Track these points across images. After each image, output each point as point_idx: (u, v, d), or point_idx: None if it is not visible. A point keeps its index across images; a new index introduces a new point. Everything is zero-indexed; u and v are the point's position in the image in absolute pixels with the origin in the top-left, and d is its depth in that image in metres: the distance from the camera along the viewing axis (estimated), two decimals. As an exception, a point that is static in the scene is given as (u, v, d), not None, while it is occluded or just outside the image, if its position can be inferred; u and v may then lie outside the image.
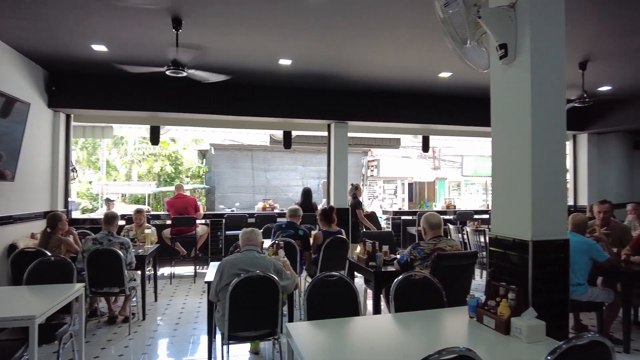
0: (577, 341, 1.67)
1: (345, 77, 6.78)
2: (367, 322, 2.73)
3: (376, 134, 11.01)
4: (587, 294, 4.02)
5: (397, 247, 5.46)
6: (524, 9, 2.48)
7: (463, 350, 1.58)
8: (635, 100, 8.08)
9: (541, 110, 2.46)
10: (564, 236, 2.53)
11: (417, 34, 4.90)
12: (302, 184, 15.05)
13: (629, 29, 4.79)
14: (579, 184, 9.50)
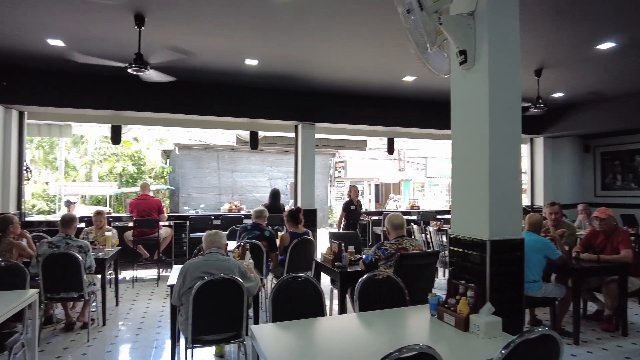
0: (529, 335, 1.76)
1: (312, 79, 6.82)
2: (332, 322, 2.75)
3: (343, 136, 11.12)
4: (542, 290, 4.21)
5: (363, 247, 5.53)
6: (482, 17, 2.59)
7: (423, 347, 1.63)
8: (585, 106, 8.56)
9: (498, 114, 2.57)
10: (520, 236, 2.65)
11: (381, 39, 4.99)
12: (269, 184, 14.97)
13: (578, 40, 5.07)
14: (535, 185, 9.95)
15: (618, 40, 5.06)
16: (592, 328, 4.68)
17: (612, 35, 4.92)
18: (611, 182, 10.79)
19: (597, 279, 4.70)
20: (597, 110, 8.44)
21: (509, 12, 2.67)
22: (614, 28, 4.71)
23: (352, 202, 7.77)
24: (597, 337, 4.41)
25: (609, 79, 6.80)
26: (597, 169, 11.11)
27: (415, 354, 1.61)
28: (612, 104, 8.18)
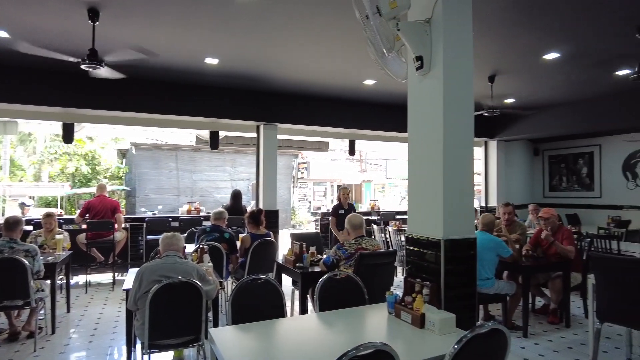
0: (479, 330, 1.85)
1: (274, 79, 6.80)
2: (292, 323, 2.77)
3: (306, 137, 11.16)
4: (494, 287, 4.41)
5: (324, 248, 5.58)
6: (437, 24, 2.69)
7: (379, 345, 1.68)
8: (534, 112, 9.04)
9: (452, 119, 2.68)
10: (472, 235, 2.77)
11: (343, 42, 5.06)
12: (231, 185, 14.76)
13: (527, 49, 5.36)
14: (489, 186, 10.39)
15: (562, 52, 5.38)
16: (539, 321, 4.94)
17: (556, 47, 5.23)
18: (557, 184, 11.47)
19: (544, 275, 4.98)
20: (545, 116, 8.94)
21: (463, 20, 2.79)
22: (558, 40, 5.01)
23: (341, 206, 7.01)
24: (544, 330, 4.67)
25: (554, 87, 7.22)
26: (545, 172, 11.77)
27: (372, 351, 1.65)
28: (558, 110, 8.69)
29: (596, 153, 10.63)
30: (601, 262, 3.64)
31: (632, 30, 4.62)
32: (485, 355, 1.95)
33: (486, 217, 4.63)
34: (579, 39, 4.97)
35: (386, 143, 11.77)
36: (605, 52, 5.41)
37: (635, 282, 3.35)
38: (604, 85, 7.05)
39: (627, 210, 9.79)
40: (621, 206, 9.97)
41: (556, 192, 11.46)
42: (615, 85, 6.94)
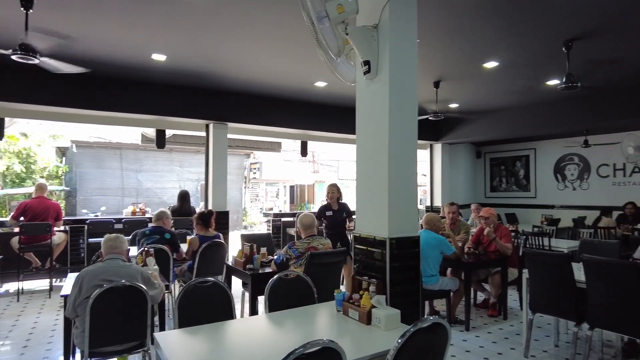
0: (422, 324, 1.94)
1: (225, 78, 6.69)
2: (241, 324, 2.75)
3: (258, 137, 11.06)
4: (439, 283, 4.62)
5: (276, 249, 5.56)
6: (384, 30, 2.78)
7: (326, 342, 1.71)
8: (476, 116, 9.54)
9: (397, 122, 2.79)
10: (416, 233, 2.89)
11: (295, 43, 5.08)
12: (179, 186, 14.34)
13: (469, 57, 5.65)
14: (434, 187, 10.83)
15: (500, 61, 5.73)
16: (480, 315, 5.23)
17: (496, 56, 5.56)
18: (498, 185, 12.17)
19: (484, 271, 5.28)
20: (486, 120, 9.45)
21: (408, 27, 2.90)
22: (497, 50, 5.33)
23: (329, 207, 6.04)
24: (484, 323, 4.95)
25: (494, 93, 7.66)
26: (486, 173, 12.45)
27: (319, 349, 1.68)
28: (497, 115, 9.22)
29: (532, 156, 11.39)
30: (532, 257, 3.92)
31: (560, 45, 5.02)
32: (427, 348, 2.04)
33: (430, 216, 4.83)
34: (514, 50, 5.31)
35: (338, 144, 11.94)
36: (538, 63, 5.82)
37: (559, 275, 3.64)
38: (538, 94, 7.57)
39: (558, 210, 10.59)
40: (553, 205, 10.77)
41: (496, 193, 12.16)
42: (547, 93, 7.47)
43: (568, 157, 10.65)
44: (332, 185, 6.24)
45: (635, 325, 3.17)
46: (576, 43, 4.95)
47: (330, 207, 6.04)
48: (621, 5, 4.06)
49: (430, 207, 10.64)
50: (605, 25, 4.54)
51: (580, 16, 4.31)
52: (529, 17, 4.32)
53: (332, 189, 6.15)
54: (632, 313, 3.16)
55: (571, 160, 10.59)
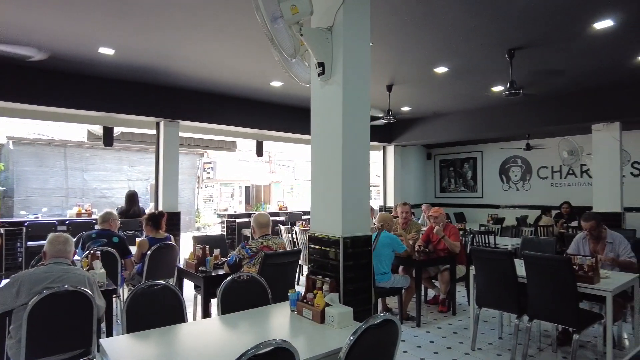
0: (373, 321, 1.99)
1: (177, 74, 6.50)
2: (192, 327, 2.69)
3: (212, 136, 10.84)
4: (391, 281, 4.74)
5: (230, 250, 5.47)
6: (338, 33, 2.82)
7: (279, 342, 1.71)
8: (427, 119, 9.88)
9: (350, 124, 2.84)
10: (368, 232, 2.96)
11: (250, 41, 5.03)
12: (128, 186, 13.76)
13: (420, 62, 5.85)
14: (387, 187, 11.09)
15: (450, 66, 5.98)
16: (431, 311, 5.41)
17: (445, 61, 5.79)
18: (447, 186, 12.67)
19: (434, 269, 5.47)
20: (436, 123, 9.81)
21: (362, 30, 2.96)
22: (447, 56, 5.55)
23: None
24: (434, 318, 5.12)
25: (444, 97, 7.97)
26: (436, 174, 12.94)
27: (272, 349, 1.68)
28: (446, 119, 9.60)
29: (479, 158, 11.95)
30: (478, 254, 4.12)
31: (503, 53, 5.31)
32: (379, 344, 2.09)
33: (382, 215, 4.95)
34: (463, 56, 5.56)
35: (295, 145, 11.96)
36: (484, 70, 6.13)
37: (502, 270, 3.85)
38: (485, 99, 7.96)
39: (503, 209, 11.18)
40: (498, 205, 11.36)
41: (446, 193, 12.66)
42: (493, 99, 7.88)
43: (512, 159, 11.28)
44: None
45: (567, 316, 3.41)
46: (518, 52, 5.25)
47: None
48: (559, 20, 4.36)
49: (383, 207, 10.88)
50: (544, 38, 4.86)
51: (522, 28, 4.58)
52: (475, 25, 4.54)
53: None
54: (564, 304, 3.40)
55: (515, 162, 11.22)
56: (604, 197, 7.40)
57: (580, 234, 4.38)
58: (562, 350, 4.06)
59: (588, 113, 7.43)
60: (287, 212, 10.33)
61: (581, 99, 7.45)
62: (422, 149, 12.81)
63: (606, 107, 7.22)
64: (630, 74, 6.31)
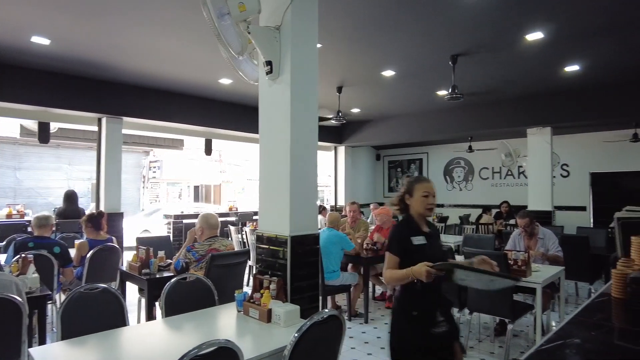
0: (317, 317, 2.02)
1: (120, 69, 6.21)
2: (135, 331, 2.59)
3: (158, 133, 10.45)
4: (340, 279, 4.81)
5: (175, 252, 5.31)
6: (286, 32, 2.83)
7: (222, 342, 1.70)
8: (376, 121, 10.12)
9: (298, 123, 2.86)
10: (316, 231, 2.99)
11: (197, 37, 4.91)
12: (67, 185, 12.98)
13: (368, 65, 5.99)
14: (338, 187, 11.24)
15: (397, 70, 6.16)
16: (378, 307, 5.55)
17: (392, 65, 5.97)
18: (394, 186, 13.06)
19: (381, 265, 5.61)
20: (385, 125, 10.08)
21: (310, 31, 2.99)
22: (394, 59, 5.72)
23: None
24: (382, 315, 5.26)
25: (392, 100, 8.20)
26: (385, 175, 13.30)
27: (215, 349, 1.66)
28: (394, 121, 9.89)
29: (425, 159, 12.42)
30: (422, 251, 4.28)
31: (447, 59, 5.56)
32: (324, 340, 2.13)
33: (332, 215, 5.03)
34: (409, 61, 5.75)
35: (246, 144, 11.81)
36: (429, 74, 6.38)
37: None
38: (430, 102, 8.28)
39: (447, 208, 11.69)
40: (443, 204, 11.85)
41: (394, 193, 12.97)
42: (438, 102, 8.21)
43: (455, 160, 11.82)
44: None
45: (503, 308, 3.64)
46: (461, 58, 5.52)
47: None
48: (496, 30, 4.63)
49: (334, 206, 11.02)
50: (484, 46, 5.14)
51: (463, 35, 4.82)
52: (421, 31, 4.72)
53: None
54: (500, 297, 3.62)
55: (458, 163, 11.77)
56: (537, 196, 7.94)
57: (516, 230, 4.68)
58: (499, 340, 4.32)
59: (523, 118, 7.95)
60: (238, 212, 10.19)
61: (517, 104, 7.96)
62: (371, 150, 13.11)
63: (539, 113, 7.76)
64: (559, 83, 6.82)
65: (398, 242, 2.26)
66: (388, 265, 2.22)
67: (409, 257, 2.16)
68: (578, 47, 5.19)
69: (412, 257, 2.14)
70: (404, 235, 2.27)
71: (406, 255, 2.19)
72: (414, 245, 2.23)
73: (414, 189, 2.35)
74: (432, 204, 2.32)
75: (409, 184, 2.39)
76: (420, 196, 2.30)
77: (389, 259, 2.23)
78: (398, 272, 2.13)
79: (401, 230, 2.32)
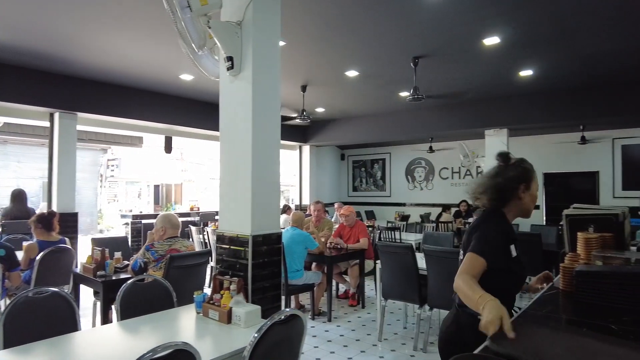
0: (278, 317, 2.00)
1: (75, 62, 5.91)
2: (87, 336, 2.47)
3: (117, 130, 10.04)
4: (303, 278, 4.81)
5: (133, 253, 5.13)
6: (248, 28, 2.79)
7: (179, 344, 1.64)
8: (340, 121, 10.19)
9: (260, 121, 2.82)
10: (278, 230, 2.97)
11: (157, 30, 4.75)
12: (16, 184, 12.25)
13: (332, 65, 6.01)
14: (302, 186, 11.24)
15: (360, 70, 6.22)
16: (342, 306, 5.59)
17: (356, 65, 6.02)
18: (359, 185, 13.21)
19: (345, 264, 5.66)
20: (349, 125, 10.17)
21: (272, 27, 2.96)
22: (357, 59, 5.78)
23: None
24: (345, 312, 5.30)
25: (356, 100, 8.28)
26: (349, 174, 13.43)
27: (171, 352, 1.61)
28: (358, 121, 9.99)
29: (388, 159, 12.63)
30: (383, 249, 4.35)
31: (409, 60, 5.67)
32: (285, 339, 2.11)
33: (296, 214, 5.01)
34: (372, 61, 5.83)
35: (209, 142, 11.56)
36: (391, 75, 6.49)
37: (404, 264, 4.11)
38: (393, 103, 8.42)
39: (409, 207, 11.94)
40: (404, 203, 12.10)
41: (358, 192, 13.18)
42: (400, 103, 8.36)
43: (417, 161, 12.09)
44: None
45: (461, 303, 3.74)
46: (422, 60, 5.64)
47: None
48: (455, 34, 4.77)
49: (299, 205, 11.00)
50: (444, 49, 5.27)
51: (424, 38, 4.93)
52: (383, 32, 4.79)
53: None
54: (459, 293, 3.73)
55: (419, 163, 12.05)
56: (493, 195, 8.22)
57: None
58: (457, 335, 4.44)
59: (481, 120, 8.24)
60: (200, 212, 9.98)
61: (476, 106, 8.23)
62: (336, 150, 13.19)
63: (496, 115, 8.06)
64: (515, 87, 7.11)
65: (498, 248, 1.71)
66: (468, 270, 1.64)
67: (503, 270, 1.71)
68: (531, 53, 5.43)
69: (508, 272, 1.72)
70: (509, 239, 1.74)
71: (499, 268, 1.69)
72: (513, 257, 1.74)
73: (533, 180, 1.84)
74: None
75: (527, 171, 1.85)
76: (535, 191, 1.84)
77: (473, 263, 1.65)
78: (474, 287, 1.52)
79: (508, 232, 1.77)
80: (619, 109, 6.97)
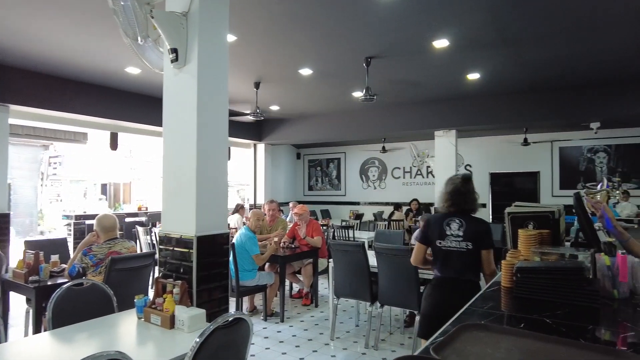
0: (222, 320, 1.91)
1: (7, 50, 5.46)
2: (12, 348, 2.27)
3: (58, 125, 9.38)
4: (256, 278, 4.71)
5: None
6: (194, 19, 2.68)
7: (112, 353, 1.53)
8: (295, 120, 10.14)
9: (206, 117, 2.72)
10: (225, 230, 2.87)
11: (100, 20, 4.47)
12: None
13: (286, 62, 5.95)
14: (257, 185, 11.08)
15: (314, 69, 6.20)
16: (295, 305, 5.54)
17: (309, 64, 5.99)
18: (314, 184, 13.23)
19: (298, 263, 5.61)
20: (303, 124, 10.14)
21: (220, 20, 2.85)
22: (310, 58, 5.75)
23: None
24: (298, 312, 5.25)
25: (310, 99, 8.25)
26: (305, 173, 13.41)
27: (104, 361, 1.50)
28: (312, 120, 9.99)
29: (342, 159, 12.74)
30: (335, 247, 4.35)
31: (361, 60, 5.71)
32: (229, 343, 2.03)
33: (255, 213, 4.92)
34: (325, 60, 5.82)
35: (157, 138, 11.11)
36: (345, 75, 6.52)
37: (355, 262, 4.13)
38: (346, 103, 8.48)
39: (363, 206, 12.10)
40: (359, 202, 12.25)
41: (313, 191, 13.20)
42: (354, 103, 8.43)
43: (370, 160, 12.28)
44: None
45: (411, 300, 3.80)
46: (374, 60, 5.70)
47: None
48: (406, 36, 4.85)
49: (254, 204, 10.84)
50: (395, 50, 5.36)
51: (376, 38, 4.98)
52: (336, 31, 4.78)
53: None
54: (408, 290, 3.79)
55: (373, 163, 12.24)
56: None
57: (421, 226, 4.94)
58: (408, 332, 4.52)
59: (431, 120, 8.48)
60: (148, 212, 9.56)
61: (426, 107, 8.46)
62: (292, 149, 13.12)
63: (445, 116, 8.32)
64: (463, 89, 7.37)
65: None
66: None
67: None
68: (478, 57, 5.64)
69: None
70: None
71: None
72: None
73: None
74: None
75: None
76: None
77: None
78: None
79: None
80: (557, 113, 7.41)
